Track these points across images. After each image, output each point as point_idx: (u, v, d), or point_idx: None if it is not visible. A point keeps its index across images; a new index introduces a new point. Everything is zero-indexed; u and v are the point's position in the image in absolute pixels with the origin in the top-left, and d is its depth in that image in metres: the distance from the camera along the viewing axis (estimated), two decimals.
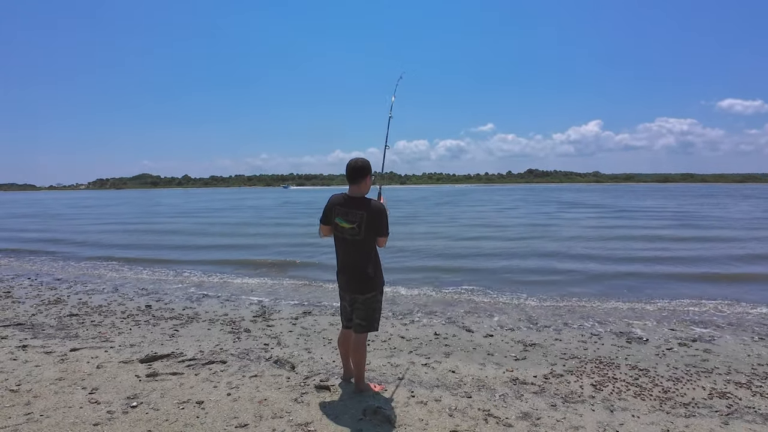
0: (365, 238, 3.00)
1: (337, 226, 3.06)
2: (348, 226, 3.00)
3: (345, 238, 3.05)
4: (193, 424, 2.69)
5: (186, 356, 3.91)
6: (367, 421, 2.84)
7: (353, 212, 2.99)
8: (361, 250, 3.04)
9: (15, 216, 27.96)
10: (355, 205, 3.01)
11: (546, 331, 5.23)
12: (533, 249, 12.10)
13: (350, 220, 2.99)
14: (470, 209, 31.42)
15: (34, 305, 5.82)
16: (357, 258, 3.06)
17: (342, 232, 3.05)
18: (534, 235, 15.44)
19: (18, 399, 2.92)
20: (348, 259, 3.11)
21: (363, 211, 2.97)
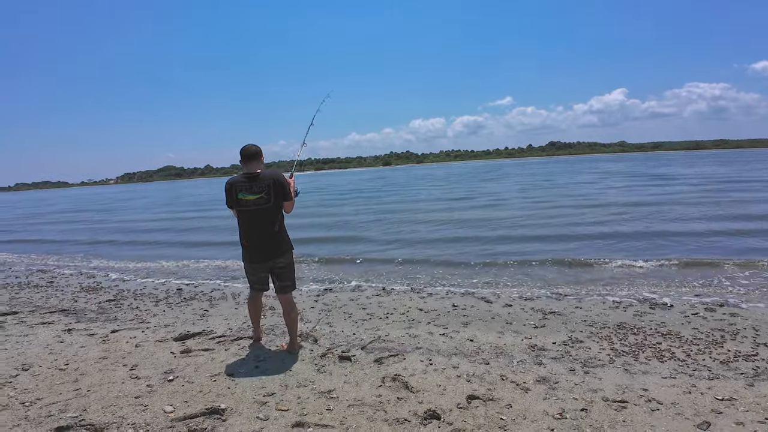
0: (274, 203, 3.31)
1: (241, 201, 3.31)
2: (254, 197, 3.28)
3: (250, 211, 3.31)
4: (225, 394, 2.83)
5: (216, 334, 4.08)
6: (386, 387, 2.92)
7: (257, 184, 3.28)
8: (270, 217, 3.32)
9: (70, 211, 29.18)
10: (256, 178, 3.30)
11: (566, 299, 5.18)
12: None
13: (255, 192, 3.28)
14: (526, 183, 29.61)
15: (75, 292, 6.15)
16: (267, 225, 3.33)
17: (247, 205, 3.31)
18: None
19: (67, 377, 3.12)
20: (257, 231, 3.36)
21: (269, 180, 3.29)
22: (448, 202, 19.33)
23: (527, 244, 8.92)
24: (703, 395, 2.72)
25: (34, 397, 2.77)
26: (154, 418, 2.52)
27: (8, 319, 4.64)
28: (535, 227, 10.86)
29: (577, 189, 21.77)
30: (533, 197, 18.69)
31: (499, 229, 10.89)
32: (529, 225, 11.24)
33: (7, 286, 6.65)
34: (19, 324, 4.46)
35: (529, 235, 9.89)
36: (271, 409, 2.63)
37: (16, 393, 2.83)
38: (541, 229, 10.46)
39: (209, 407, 2.63)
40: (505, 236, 9.84)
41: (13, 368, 3.24)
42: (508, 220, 12.23)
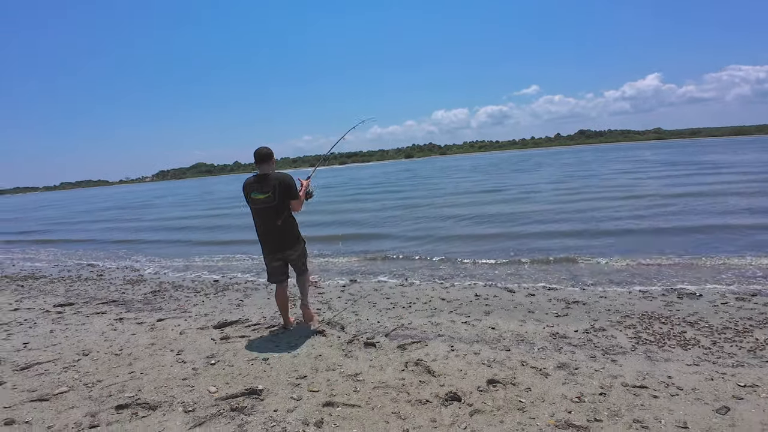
0: (278, 202, 3.66)
1: (253, 200, 3.70)
2: (263, 196, 3.66)
3: (260, 208, 3.71)
4: (262, 376, 3.07)
5: (251, 322, 4.36)
6: (409, 371, 3.08)
7: (265, 184, 3.66)
8: (275, 214, 3.69)
9: (106, 209, 30.91)
10: (265, 179, 3.68)
11: (591, 289, 5.17)
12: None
13: (264, 191, 3.66)
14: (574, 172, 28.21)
15: (121, 285, 6.65)
16: (272, 221, 3.70)
17: (256, 204, 3.70)
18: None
19: (121, 361, 3.45)
20: (267, 227, 3.75)
21: (275, 181, 3.65)
22: (477, 194, 18.64)
23: (558, 239, 8.47)
24: (725, 381, 2.72)
25: (95, 379, 3.10)
26: (200, 397, 2.78)
27: (66, 309, 5.11)
28: (569, 221, 10.27)
29: (614, 179, 20.63)
30: (567, 189, 17.75)
31: (531, 223, 10.39)
32: (561, 219, 10.62)
33: (63, 279, 7.25)
34: (76, 314, 4.91)
35: (561, 230, 9.31)
36: (304, 390, 2.84)
37: (79, 375, 3.17)
38: (574, 224, 9.84)
39: (248, 388, 2.87)
40: (536, 232, 9.34)
41: (75, 354, 3.61)
42: (540, 213, 11.68)
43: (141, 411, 2.61)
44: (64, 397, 2.81)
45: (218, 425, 2.46)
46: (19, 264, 9.40)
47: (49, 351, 3.68)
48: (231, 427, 2.44)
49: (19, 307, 5.32)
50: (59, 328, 4.37)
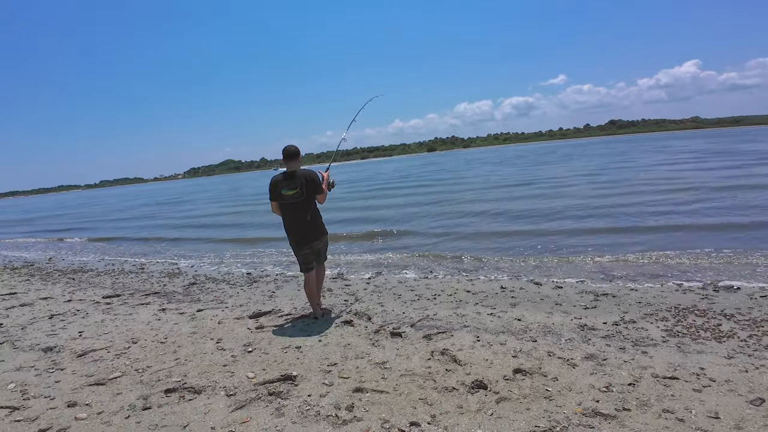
0: (307, 197, 3.95)
1: (283, 196, 3.97)
2: (292, 192, 3.94)
3: (290, 204, 3.98)
4: (295, 363, 3.24)
5: (283, 312, 4.56)
6: (435, 360, 3.17)
7: (294, 181, 3.93)
8: (305, 208, 3.98)
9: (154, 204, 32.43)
10: (293, 176, 3.95)
11: (620, 281, 5.08)
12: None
13: (292, 187, 3.93)
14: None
15: (161, 277, 7.04)
16: (302, 215, 3.98)
17: (286, 200, 3.97)
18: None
19: (167, 348, 3.69)
20: (296, 220, 4.02)
21: (302, 178, 3.93)
22: (505, 188, 17.96)
23: (590, 236, 8.01)
24: (761, 374, 2.67)
25: (145, 365, 3.35)
26: (240, 382, 2.97)
27: (114, 300, 5.49)
28: (602, 217, 9.67)
29: (651, 171, 19.44)
30: (601, 182, 16.80)
31: (561, 219, 9.94)
32: (594, 215, 10.00)
33: (108, 272, 7.74)
34: (123, 305, 5.26)
35: (594, 227, 8.74)
36: (335, 377, 2.98)
37: (130, 362, 3.43)
38: (608, 220, 9.26)
39: (283, 374, 3.04)
40: (567, 229, 8.79)
41: (125, 342, 3.90)
42: (571, 209, 11.12)
43: (187, 394, 2.82)
44: (118, 382, 3.06)
45: (258, 408, 2.63)
46: (68, 258, 10.07)
47: (101, 339, 3.99)
48: (269, 410, 2.60)
49: (71, 298, 5.75)
50: (109, 318, 4.70)
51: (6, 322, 4.68)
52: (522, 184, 19.21)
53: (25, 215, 31.98)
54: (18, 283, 7.12)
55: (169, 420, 2.53)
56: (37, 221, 24.85)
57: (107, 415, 2.60)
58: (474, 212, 12.19)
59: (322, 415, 2.52)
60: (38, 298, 5.80)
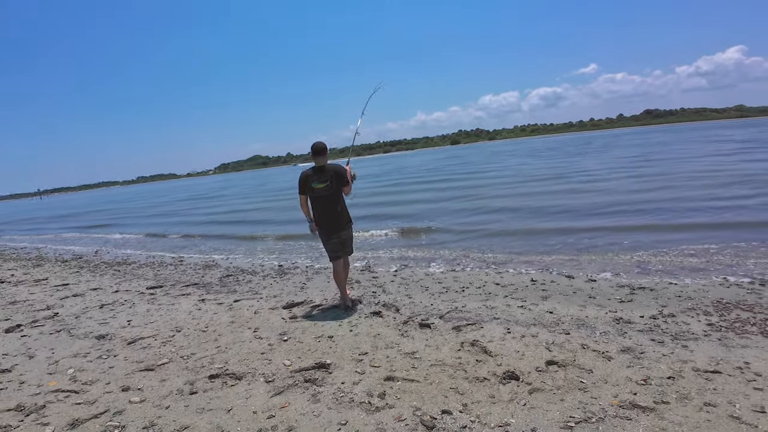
0: (336, 190, 4.21)
1: (314, 189, 4.21)
2: (322, 185, 4.19)
3: (320, 196, 4.22)
4: (328, 352, 3.35)
5: (314, 303, 4.70)
6: (465, 351, 3.19)
7: (324, 175, 4.19)
8: (335, 200, 4.24)
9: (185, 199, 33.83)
10: (323, 170, 4.21)
11: (658, 276, 4.91)
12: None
13: (323, 181, 4.18)
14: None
15: (198, 269, 7.36)
16: (334, 206, 4.24)
17: (317, 192, 4.22)
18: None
19: (208, 337, 3.88)
20: (327, 211, 4.26)
21: (331, 172, 4.20)
22: (539, 182, 16.99)
23: (628, 232, 7.47)
24: None
25: (189, 352, 3.55)
26: (277, 369, 3.11)
27: (157, 291, 5.80)
28: (642, 213, 8.92)
29: (697, 162, 17.96)
30: (642, 174, 15.64)
31: (597, 214, 9.35)
32: (634, 210, 9.29)
33: (149, 265, 8.17)
34: (166, 295, 5.56)
35: (635, 224, 8.10)
36: (366, 365, 3.07)
37: (176, 349, 3.64)
38: (648, 217, 8.56)
39: (318, 362, 3.15)
40: (602, 225, 8.24)
41: (170, 330, 4.13)
42: (609, 202, 10.52)
43: (230, 380, 2.98)
44: (166, 368, 3.26)
45: (295, 394, 2.75)
46: (112, 252, 10.68)
47: (148, 327, 4.25)
48: (306, 396, 2.71)
49: (118, 289, 6.13)
50: (154, 307, 4.99)
51: (61, 312, 5.05)
52: (554, 177, 18.40)
53: (73, 210, 33.91)
54: (69, 274, 7.64)
55: (215, 404, 2.68)
56: (83, 216, 26.37)
57: (158, 398, 2.79)
58: (502, 206, 11.92)
59: (355, 402, 2.60)
60: (88, 289, 6.21)
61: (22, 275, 7.85)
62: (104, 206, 35.62)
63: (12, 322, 4.75)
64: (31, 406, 2.75)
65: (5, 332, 4.39)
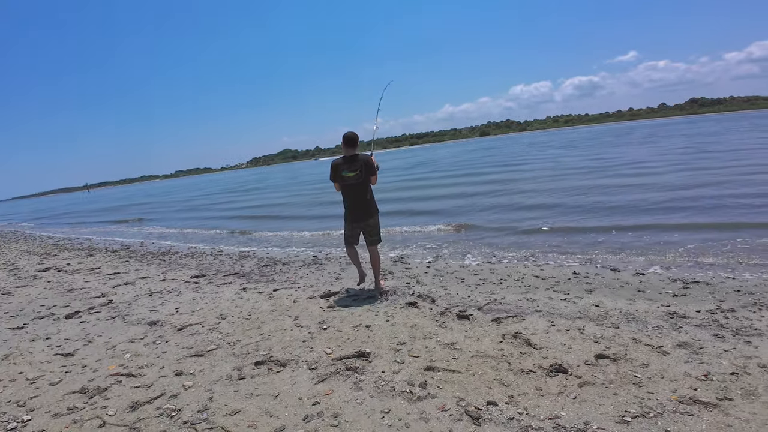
0: (364, 179, 4.37)
1: (344, 178, 4.38)
2: (352, 174, 4.35)
3: (350, 185, 4.40)
4: (366, 341, 3.38)
5: (350, 293, 4.75)
6: (507, 343, 3.13)
7: (353, 164, 4.34)
8: (363, 189, 4.41)
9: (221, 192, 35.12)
10: (354, 160, 4.36)
11: (713, 269, 4.62)
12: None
13: (353, 170, 4.34)
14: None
15: (237, 259, 7.60)
16: (362, 195, 4.42)
17: (347, 181, 4.39)
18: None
19: (251, 324, 3.98)
20: (356, 199, 4.45)
21: (361, 161, 4.34)
22: (580, 174, 15.76)
23: (679, 230, 6.84)
24: None
25: (235, 339, 3.67)
26: (319, 357, 3.16)
27: (201, 280, 6.05)
28: (695, 209, 8.17)
29: (758, 155, 16.28)
30: (695, 167, 14.12)
31: (649, 210, 8.58)
32: (685, 206, 8.52)
33: (192, 255, 8.52)
34: (209, 284, 5.78)
35: (688, 222, 7.35)
36: (405, 355, 3.06)
37: (222, 336, 3.77)
38: (704, 213, 7.82)
39: (357, 351, 3.18)
40: (649, 223, 7.51)
41: (215, 318, 4.29)
42: (656, 197, 9.67)
43: (275, 367, 3.06)
44: (214, 354, 3.39)
45: (338, 382, 2.79)
46: (157, 243, 11.23)
47: (195, 315, 4.43)
48: (348, 384, 2.75)
49: (165, 278, 6.43)
50: (199, 296, 5.20)
51: (115, 299, 5.37)
52: (595, 169, 17.07)
53: (118, 203, 35.83)
54: (119, 264, 8.10)
55: (262, 390, 2.76)
56: (127, 209, 27.85)
57: (209, 383, 2.90)
58: (541, 202, 11.38)
59: (397, 391, 2.61)
60: (138, 278, 6.56)
61: (77, 264, 8.39)
62: (146, 200, 37.33)
63: (71, 308, 5.08)
64: (93, 389, 2.92)
65: (66, 318, 4.71)
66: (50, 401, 2.82)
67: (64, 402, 2.79)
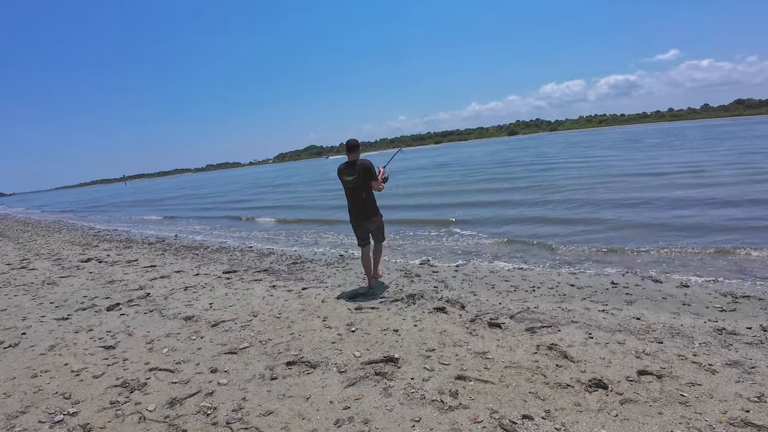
0: (363, 183, 4.75)
1: (345, 181, 4.83)
2: (351, 178, 4.76)
3: (350, 188, 4.82)
4: (395, 345, 3.35)
5: (377, 294, 4.74)
6: (542, 354, 3.03)
7: (353, 169, 4.75)
8: (360, 192, 4.79)
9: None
10: (353, 165, 4.77)
11: (765, 283, 4.32)
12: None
13: (352, 174, 4.75)
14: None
15: (265, 255, 7.76)
16: (358, 196, 4.80)
17: (347, 184, 4.82)
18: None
19: (282, 324, 3.99)
20: (355, 201, 4.85)
21: (359, 167, 4.73)
22: (631, 178, 14.26)
23: (730, 234, 6.54)
24: None
25: (266, 337, 3.72)
26: (348, 360, 3.17)
27: (232, 276, 6.20)
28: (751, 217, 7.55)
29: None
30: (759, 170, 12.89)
31: (696, 214, 7.99)
32: (744, 214, 7.88)
33: (223, 250, 8.77)
34: (240, 280, 5.91)
35: (745, 225, 6.95)
36: (435, 362, 3.02)
37: (254, 333, 3.84)
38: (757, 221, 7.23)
39: (386, 356, 3.16)
40: (701, 223, 7.14)
41: (247, 315, 4.37)
42: (714, 195, 9.11)
43: (305, 368, 3.09)
44: (247, 352, 3.45)
45: (367, 386, 2.78)
46: (190, 237, 11.61)
47: (228, 311, 4.54)
48: (378, 389, 2.73)
49: (199, 272, 6.63)
50: (231, 291, 5.32)
51: (152, 292, 5.57)
52: (649, 174, 15.20)
53: (155, 195, 37.16)
54: (155, 256, 8.42)
55: (294, 391, 2.79)
56: (163, 201, 28.90)
57: (242, 381, 2.95)
58: (580, 202, 10.98)
59: (427, 399, 2.57)
60: (173, 271, 6.79)
61: (116, 256, 8.78)
62: (182, 192, 38.53)
63: (112, 300, 5.31)
64: (134, 383, 3.03)
65: (107, 310, 4.92)
66: (94, 394, 2.93)
67: (106, 395, 2.90)
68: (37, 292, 6.03)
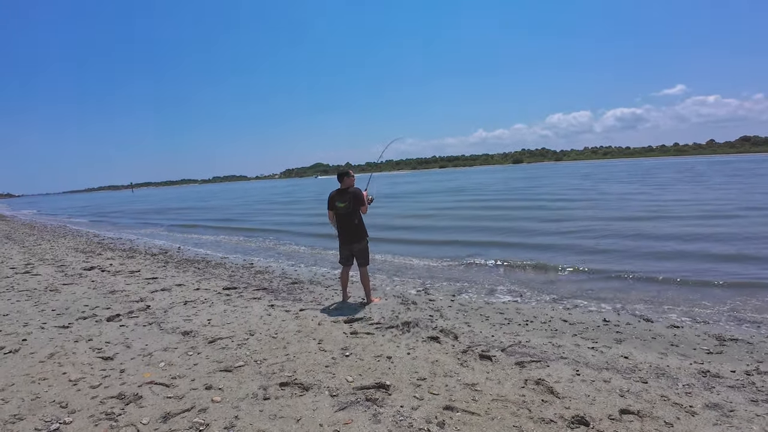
0: (353, 209, 5.28)
1: (337, 208, 5.33)
2: (343, 205, 5.29)
3: (341, 214, 5.33)
4: (387, 373, 3.42)
5: (373, 320, 4.81)
6: (529, 389, 3.10)
7: (344, 196, 5.29)
8: (351, 217, 5.32)
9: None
10: (345, 192, 5.31)
11: (753, 327, 4.39)
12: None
13: (343, 201, 5.29)
14: None
15: (264, 273, 7.88)
16: (350, 221, 5.32)
17: (339, 210, 5.33)
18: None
19: (278, 344, 4.05)
20: (346, 226, 5.36)
21: (350, 194, 5.28)
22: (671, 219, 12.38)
23: (722, 275, 6.49)
24: None
25: (261, 357, 3.79)
26: (341, 384, 3.24)
27: (232, 293, 6.30)
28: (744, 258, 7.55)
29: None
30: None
31: (689, 254, 7.89)
32: (736, 252, 7.82)
33: (224, 265, 8.88)
34: (239, 297, 6.00)
35: (741, 271, 6.78)
36: (425, 391, 3.08)
37: (250, 353, 3.91)
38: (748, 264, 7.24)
39: (377, 382, 3.23)
40: (692, 267, 6.99)
41: (244, 333, 4.45)
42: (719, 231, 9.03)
43: (298, 390, 3.16)
44: (242, 370, 3.52)
45: (357, 411, 2.85)
46: (192, 250, 11.74)
47: (225, 328, 4.62)
48: (368, 415, 2.80)
49: (199, 287, 6.72)
50: (230, 308, 5.41)
51: (152, 305, 5.67)
52: (665, 216, 13.24)
53: (162, 205, 37.38)
54: (157, 268, 8.53)
55: (285, 412, 2.86)
56: (171, 212, 29.10)
57: (236, 400, 3.03)
58: (588, 244, 10.81)
59: (414, 428, 2.64)
60: (174, 284, 6.90)
61: (119, 265, 8.90)
62: (188, 204, 38.80)
63: (112, 311, 5.40)
64: (130, 396, 3.10)
65: (107, 320, 5.01)
66: (90, 404, 3.01)
67: (102, 406, 2.98)
68: (39, 298, 6.14)
